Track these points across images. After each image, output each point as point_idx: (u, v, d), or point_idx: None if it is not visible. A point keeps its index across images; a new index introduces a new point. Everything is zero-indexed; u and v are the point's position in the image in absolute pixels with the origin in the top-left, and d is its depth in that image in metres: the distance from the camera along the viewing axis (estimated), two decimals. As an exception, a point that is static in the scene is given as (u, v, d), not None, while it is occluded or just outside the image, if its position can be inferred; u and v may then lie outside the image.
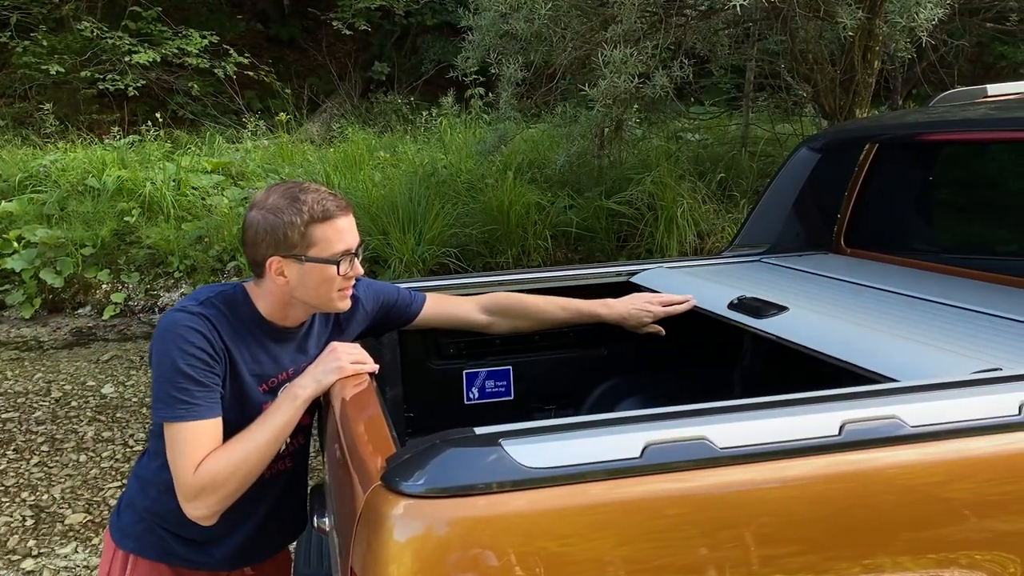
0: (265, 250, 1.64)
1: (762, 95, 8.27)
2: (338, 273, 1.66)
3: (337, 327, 1.90)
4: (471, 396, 2.78)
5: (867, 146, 2.72)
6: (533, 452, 1.13)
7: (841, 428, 1.19)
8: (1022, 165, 2.50)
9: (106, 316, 6.64)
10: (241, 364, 1.67)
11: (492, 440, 1.15)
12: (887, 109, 8.08)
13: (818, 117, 7.12)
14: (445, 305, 2.15)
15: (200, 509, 1.56)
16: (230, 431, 1.62)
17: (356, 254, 1.70)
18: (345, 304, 1.74)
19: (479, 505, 1.10)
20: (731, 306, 2.16)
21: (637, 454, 1.14)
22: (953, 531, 1.21)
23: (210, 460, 1.55)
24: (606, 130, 6.48)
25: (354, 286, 1.87)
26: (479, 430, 1.20)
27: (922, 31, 3.98)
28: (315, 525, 1.81)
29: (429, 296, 2.13)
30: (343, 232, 1.66)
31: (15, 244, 6.75)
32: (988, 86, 2.65)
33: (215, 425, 1.60)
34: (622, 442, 1.15)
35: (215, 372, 1.61)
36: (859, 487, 1.20)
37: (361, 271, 1.74)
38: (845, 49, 5.75)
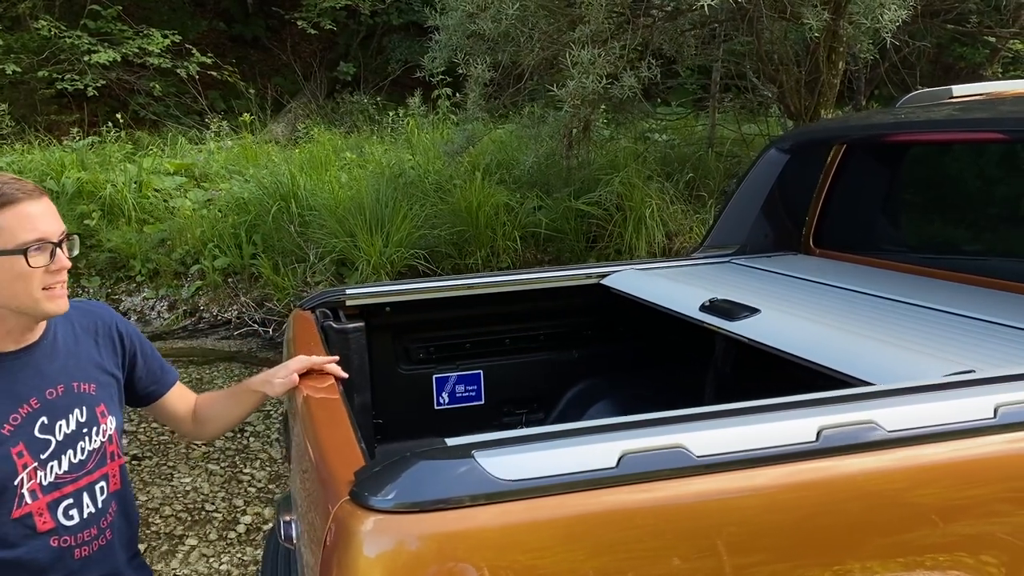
0: None
1: (728, 95, 8.32)
2: (29, 265, 1.42)
3: (95, 345, 1.66)
4: (441, 401, 2.74)
5: (835, 147, 2.73)
6: (506, 464, 1.10)
7: (818, 434, 1.18)
8: (988, 166, 2.52)
9: (65, 321, 6.48)
10: None
11: (464, 452, 1.12)
12: (851, 109, 8.18)
13: (783, 117, 7.19)
14: (186, 398, 1.85)
15: None
16: None
17: (59, 244, 1.46)
18: (57, 306, 1.48)
19: (451, 520, 1.06)
20: (703, 308, 2.14)
21: (613, 464, 1.11)
22: (937, 534, 1.20)
23: None
24: (574, 131, 6.47)
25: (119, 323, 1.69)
26: (451, 441, 1.16)
27: (886, 32, 4.01)
28: (282, 537, 1.77)
29: (178, 383, 1.85)
30: (31, 218, 1.43)
31: (-30, 249, 6.57)
32: (953, 87, 2.67)
33: None
34: (598, 452, 1.13)
35: None
36: (836, 493, 1.18)
37: (67, 263, 1.48)
38: (810, 50, 5.80)
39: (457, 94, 7.88)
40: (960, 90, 2.66)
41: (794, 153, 2.74)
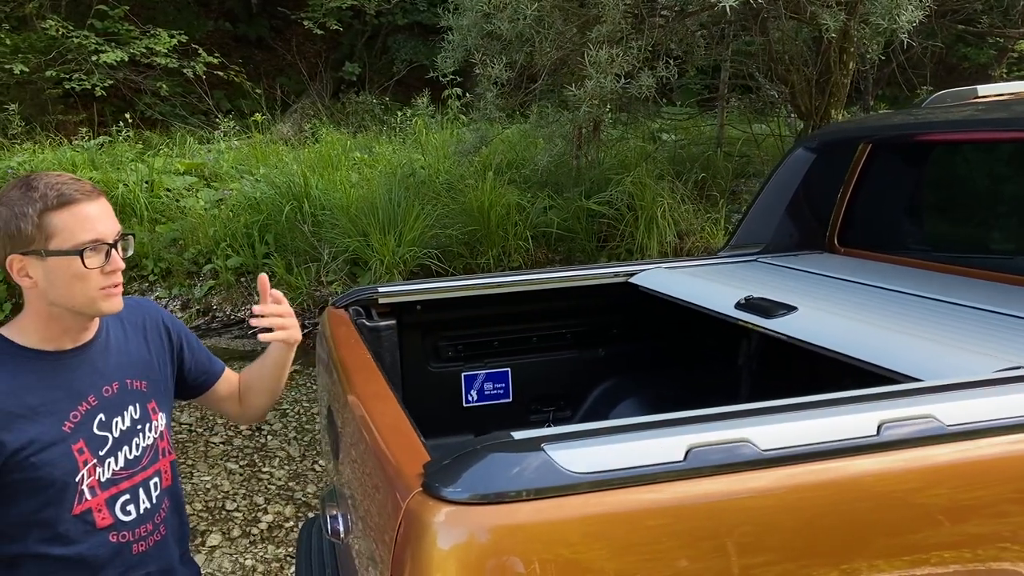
0: (2, 249, 1.44)
1: (735, 95, 8.34)
2: (85, 266, 1.43)
3: (144, 341, 1.68)
4: (470, 398, 2.76)
5: (861, 146, 2.75)
6: (577, 457, 1.12)
7: (879, 428, 1.20)
8: (1014, 164, 2.54)
9: (78, 321, 6.49)
10: (20, 425, 1.43)
11: (534, 445, 1.14)
12: (859, 110, 8.20)
13: (791, 116, 7.21)
14: (232, 382, 1.89)
15: None
16: (43, 501, 1.46)
17: (114, 245, 1.47)
18: (112, 305, 1.50)
19: (524, 511, 1.08)
20: (738, 306, 2.16)
21: (681, 457, 1.13)
22: (997, 526, 1.22)
23: None
24: (584, 131, 6.48)
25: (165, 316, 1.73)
26: (518, 434, 1.18)
27: (903, 32, 4.03)
28: (328, 531, 1.78)
29: (227, 370, 1.89)
30: (89, 219, 1.44)
31: (-18, 248, 6.57)
32: (978, 87, 2.69)
33: None
34: (665, 445, 1.14)
35: None
36: (897, 485, 1.20)
37: (121, 264, 1.49)
38: (821, 50, 5.82)
39: (467, 94, 7.90)
40: (985, 90, 2.68)
41: (820, 152, 2.76)
